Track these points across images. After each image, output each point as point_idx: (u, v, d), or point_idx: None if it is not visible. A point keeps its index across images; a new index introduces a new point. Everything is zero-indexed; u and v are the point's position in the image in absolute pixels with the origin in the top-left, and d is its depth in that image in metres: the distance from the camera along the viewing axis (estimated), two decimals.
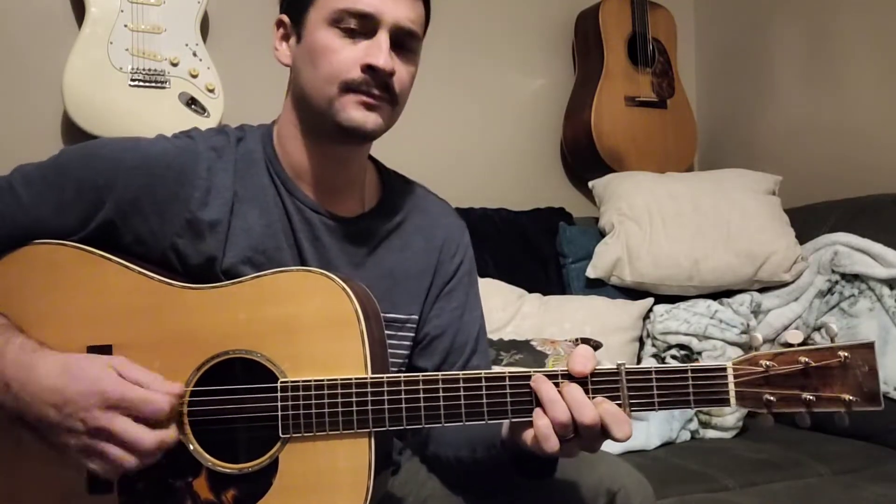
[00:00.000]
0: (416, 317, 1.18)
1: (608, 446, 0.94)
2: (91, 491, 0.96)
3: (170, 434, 0.92)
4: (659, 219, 2.31)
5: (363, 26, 1.02)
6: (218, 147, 1.09)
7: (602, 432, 0.88)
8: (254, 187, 1.08)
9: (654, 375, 0.91)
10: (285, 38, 1.10)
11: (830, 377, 0.88)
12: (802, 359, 0.89)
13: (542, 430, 0.88)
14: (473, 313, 1.23)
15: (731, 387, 0.90)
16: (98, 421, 0.89)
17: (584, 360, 0.90)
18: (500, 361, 1.88)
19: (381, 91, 1.03)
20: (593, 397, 0.89)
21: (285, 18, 1.10)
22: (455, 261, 1.22)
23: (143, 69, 2.05)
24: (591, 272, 2.32)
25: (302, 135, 1.10)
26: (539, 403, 0.90)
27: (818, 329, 2.09)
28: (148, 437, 0.89)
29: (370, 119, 1.03)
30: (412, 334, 1.18)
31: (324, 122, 1.05)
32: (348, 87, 1.02)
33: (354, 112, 1.02)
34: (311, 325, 0.96)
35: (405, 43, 1.06)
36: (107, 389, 0.89)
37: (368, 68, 1.01)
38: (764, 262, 2.22)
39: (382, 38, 1.02)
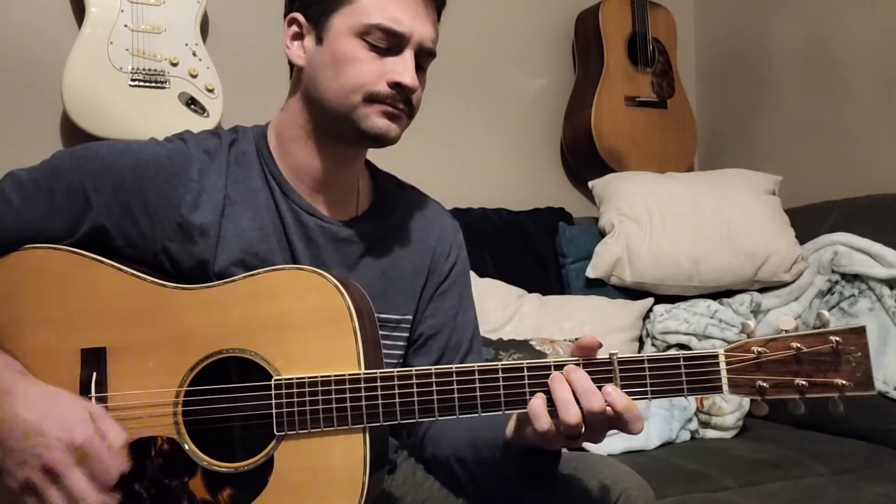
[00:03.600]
0: (411, 317, 1.18)
1: (608, 447, 0.94)
2: None
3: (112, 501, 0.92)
4: (659, 219, 2.31)
5: (391, 43, 1.03)
6: (210, 150, 1.08)
7: (612, 423, 0.89)
8: (246, 190, 1.08)
9: (646, 364, 0.91)
10: (298, 37, 1.08)
11: (823, 362, 0.88)
12: (794, 344, 0.88)
13: (535, 409, 0.89)
14: (468, 314, 1.24)
15: (724, 374, 0.90)
16: (55, 463, 0.88)
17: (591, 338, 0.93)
18: (499, 361, 1.87)
19: (405, 105, 1.06)
20: (600, 387, 0.89)
21: (300, 17, 1.07)
22: (449, 261, 1.22)
23: (143, 69, 2.05)
24: (591, 272, 2.32)
25: (310, 136, 1.09)
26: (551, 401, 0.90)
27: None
28: (93, 498, 0.89)
29: (393, 128, 1.06)
30: (406, 334, 1.18)
31: (341, 127, 1.05)
32: (372, 99, 1.03)
33: (379, 120, 1.04)
34: (304, 323, 0.96)
35: (423, 61, 1.08)
36: (77, 437, 0.89)
37: (396, 85, 1.03)
38: (764, 262, 2.22)
39: (409, 56, 1.04)
